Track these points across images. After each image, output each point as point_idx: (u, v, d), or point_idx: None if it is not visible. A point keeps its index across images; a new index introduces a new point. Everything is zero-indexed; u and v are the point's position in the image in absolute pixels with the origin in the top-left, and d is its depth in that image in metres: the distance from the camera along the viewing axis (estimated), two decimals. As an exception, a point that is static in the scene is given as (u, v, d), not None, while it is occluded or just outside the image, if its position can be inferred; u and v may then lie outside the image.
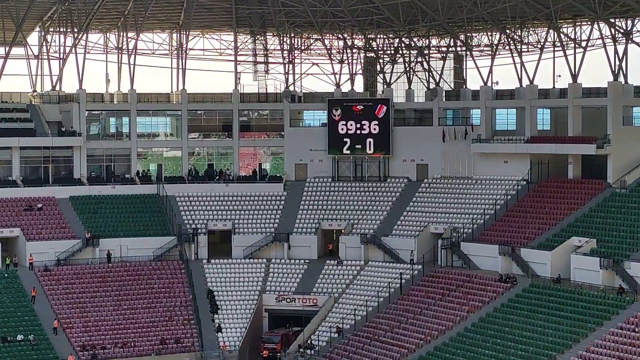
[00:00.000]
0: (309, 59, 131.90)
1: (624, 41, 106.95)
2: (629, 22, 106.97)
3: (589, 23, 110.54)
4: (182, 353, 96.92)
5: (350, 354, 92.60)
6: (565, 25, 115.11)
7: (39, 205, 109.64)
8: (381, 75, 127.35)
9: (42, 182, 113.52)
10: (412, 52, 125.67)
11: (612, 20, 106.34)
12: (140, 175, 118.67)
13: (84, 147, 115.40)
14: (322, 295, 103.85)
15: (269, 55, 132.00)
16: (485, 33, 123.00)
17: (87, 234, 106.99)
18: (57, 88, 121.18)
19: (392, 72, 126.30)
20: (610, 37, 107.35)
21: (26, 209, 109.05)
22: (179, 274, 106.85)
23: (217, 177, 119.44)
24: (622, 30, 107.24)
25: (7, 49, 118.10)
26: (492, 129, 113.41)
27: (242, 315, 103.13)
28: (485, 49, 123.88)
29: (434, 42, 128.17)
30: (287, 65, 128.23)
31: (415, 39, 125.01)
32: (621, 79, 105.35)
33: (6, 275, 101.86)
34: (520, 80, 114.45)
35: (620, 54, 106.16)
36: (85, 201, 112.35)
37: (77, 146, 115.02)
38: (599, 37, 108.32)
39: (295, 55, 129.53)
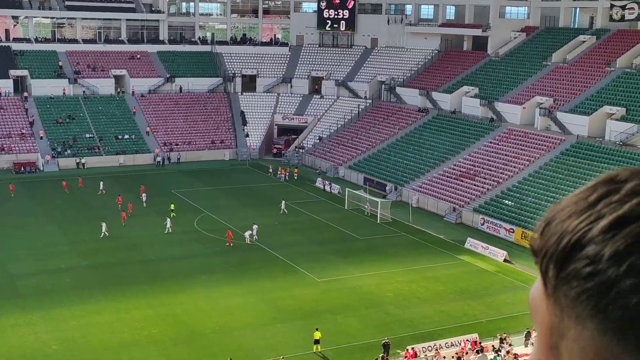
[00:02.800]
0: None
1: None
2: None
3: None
4: (224, 149, 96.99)
5: (326, 153, 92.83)
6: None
7: (138, 56, 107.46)
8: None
9: (140, 42, 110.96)
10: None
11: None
12: (201, 39, 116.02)
13: (166, 20, 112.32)
14: (310, 116, 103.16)
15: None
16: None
17: (168, 74, 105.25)
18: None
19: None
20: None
21: (130, 58, 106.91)
22: (223, 101, 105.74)
23: (248, 42, 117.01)
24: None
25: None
26: (418, 17, 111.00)
27: (261, 127, 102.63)
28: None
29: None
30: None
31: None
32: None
33: (117, 99, 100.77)
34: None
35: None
36: (167, 55, 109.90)
37: (162, 20, 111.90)
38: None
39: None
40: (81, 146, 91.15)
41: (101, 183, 76.67)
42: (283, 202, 70.40)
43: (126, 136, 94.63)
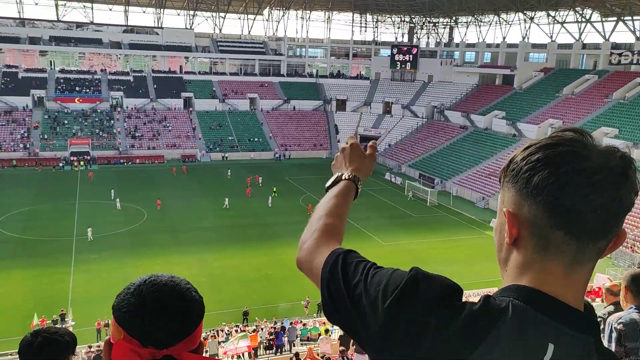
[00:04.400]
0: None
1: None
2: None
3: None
4: (323, 150, 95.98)
5: (394, 154, 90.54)
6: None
7: (266, 85, 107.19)
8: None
9: (267, 74, 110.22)
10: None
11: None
12: (309, 73, 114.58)
13: (286, 60, 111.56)
14: (383, 129, 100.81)
15: None
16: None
17: (285, 97, 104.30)
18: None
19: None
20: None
21: (260, 85, 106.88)
22: (323, 117, 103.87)
23: (341, 76, 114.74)
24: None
25: None
26: (462, 60, 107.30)
27: (348, 135, 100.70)
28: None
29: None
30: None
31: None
32: (526, 39, 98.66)
33: (251, 113, 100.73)
34: (478, 38, 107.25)
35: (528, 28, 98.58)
36: (285, 84, 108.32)
37: (283, 60, 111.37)
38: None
39: None
40: (226, 145, 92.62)
41: (229, 171, 75.99)
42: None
43: (256, 139, 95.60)
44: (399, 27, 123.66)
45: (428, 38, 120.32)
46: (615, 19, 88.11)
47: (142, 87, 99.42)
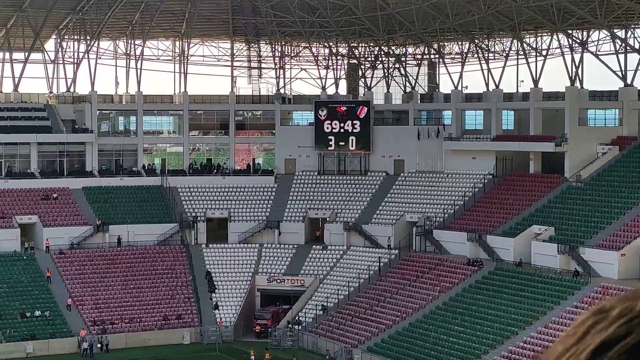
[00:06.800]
0: (298, 65, 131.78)
1: (580, 50, 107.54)
2: (585, 33, 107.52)
3: (549, 34, 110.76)
4: (183, 328, 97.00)
5: (334, 329, 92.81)
6: (528, 36, 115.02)
7: (55, 195, 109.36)
8: (363, 79, 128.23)
9: (58, 174, 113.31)
10: (390, 59, 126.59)
11: (570, 32, 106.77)
12: (146, 168, 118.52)
13: (95, 142, 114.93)
14: (309, 277, 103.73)
15: (262, 61, 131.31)
16: (456, 42, 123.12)
17: (98, 220, 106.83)
18: (72, 90, 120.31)
19: (372, 77, 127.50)
20: (567, 46, 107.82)
21: (43, 198, 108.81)
22: (180, 257, 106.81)
23: (215, 171, 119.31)
24: (578, 41, 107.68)
25: (27, 54, 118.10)
26: (462, 129, 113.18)
27: (236, 294, 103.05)
28: (456, 56, 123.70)
29: (410, 50, 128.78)
30: (278, 70, 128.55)
31: (393, 47, 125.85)
32: (577, 84, 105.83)
33: (25, 257, 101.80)
34: (487, 84, 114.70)
35: (577, 62, 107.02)
36: (96, 191, 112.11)
37: (89, 142, 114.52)
38: (558, 46, 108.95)
39: (286, 61, 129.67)
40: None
41: None
42: None
43: (37, 313, 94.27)
44: (328, 66, 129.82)
45: (387, 87, 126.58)
46: None
47: None
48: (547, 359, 2.23)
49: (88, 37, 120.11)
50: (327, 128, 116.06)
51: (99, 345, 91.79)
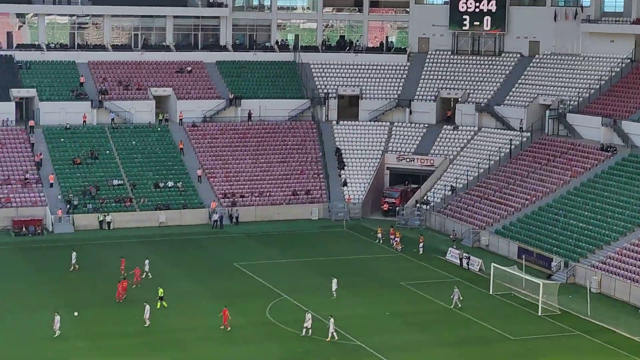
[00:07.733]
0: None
1: None
2: None
3: None
4: (312, 204, 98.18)
5: (462, 210, 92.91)
6: None
7: (189, 69, 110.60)
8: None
9: (192, 48, 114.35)
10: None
11: None
12: (279, 43, 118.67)
13: (230, 17, 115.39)
14: (438, 157, 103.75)
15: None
16: None
17: (231, 94, 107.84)
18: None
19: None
20: None
21: (178, 71, 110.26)
22: (310, 133, 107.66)
23: (348, 48, 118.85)
24: None
25: None
26: (601, 10, 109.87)
27: (365, 172, 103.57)
28: None
29: None
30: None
31: None
32: None
33: (159, 129, 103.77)
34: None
35: None
36: (230, 66, 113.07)
37: (224, 16, 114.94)
38: None
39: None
40: (107, 197, 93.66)
41: (73, 255, 75.70)
42: (334, 280, 69.68)
43: (170, 183, 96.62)
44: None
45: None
46: None
47: None
48: None
49: None
50: (462, 7, 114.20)
51: (229, 218, 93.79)
